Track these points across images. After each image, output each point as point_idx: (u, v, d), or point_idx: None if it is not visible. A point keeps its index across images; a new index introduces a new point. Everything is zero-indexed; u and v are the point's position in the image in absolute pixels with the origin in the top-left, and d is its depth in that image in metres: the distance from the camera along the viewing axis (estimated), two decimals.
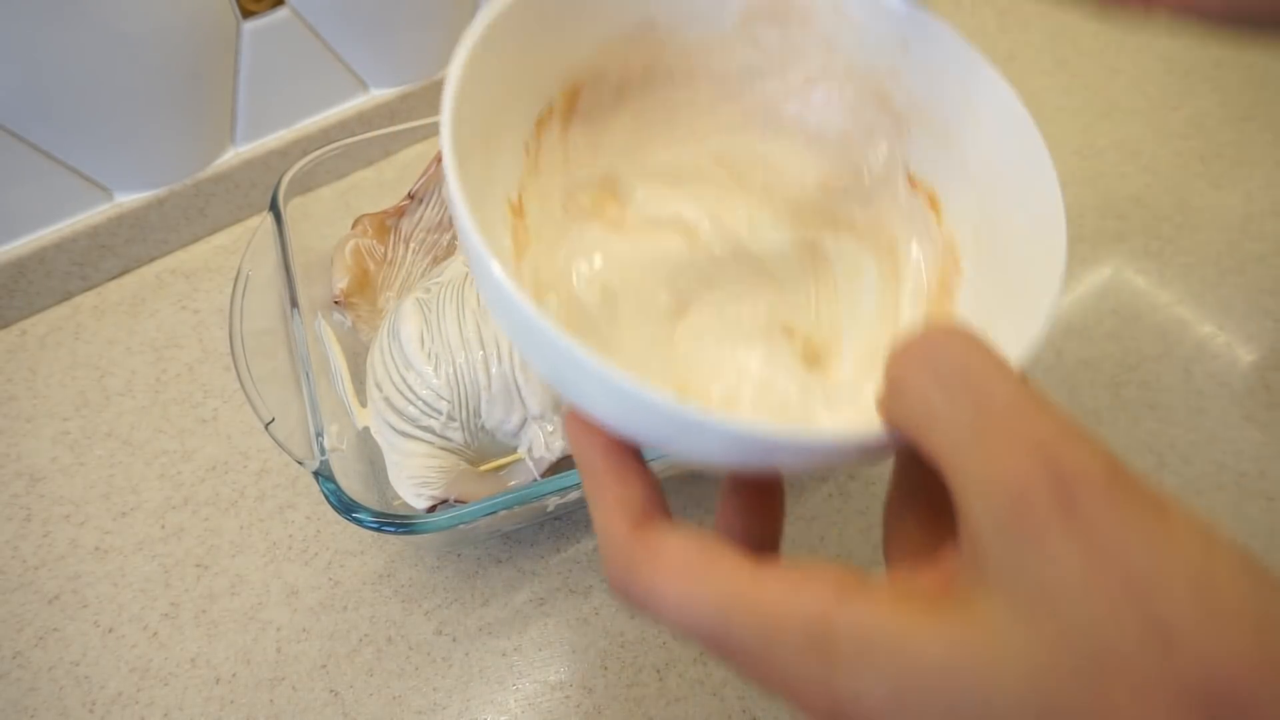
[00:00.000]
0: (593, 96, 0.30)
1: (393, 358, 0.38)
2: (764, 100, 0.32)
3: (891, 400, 0.18)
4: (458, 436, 0.37)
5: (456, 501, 0.35)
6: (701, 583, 0.18)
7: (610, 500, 0.20)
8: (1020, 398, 0.16)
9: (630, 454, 0.21)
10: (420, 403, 0.37)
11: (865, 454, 0.19)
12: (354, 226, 0.47)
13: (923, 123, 0.29)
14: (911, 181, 0.29)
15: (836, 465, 0.19)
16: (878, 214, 0.31)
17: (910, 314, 0.29)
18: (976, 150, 0.27)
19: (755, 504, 0.22)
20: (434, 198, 0.49)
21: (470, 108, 0.23)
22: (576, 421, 0.22)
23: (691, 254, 0.31)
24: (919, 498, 0.21)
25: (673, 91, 0.32)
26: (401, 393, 0.37)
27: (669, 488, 0.43)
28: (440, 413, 0.37)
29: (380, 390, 0.38)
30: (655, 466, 0.36)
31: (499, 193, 0.24)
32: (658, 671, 0.37)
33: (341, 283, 0.45)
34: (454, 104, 0.22)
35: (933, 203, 0.29)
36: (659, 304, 0.29)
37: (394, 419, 0.38)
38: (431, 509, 0.35)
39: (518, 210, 0.27)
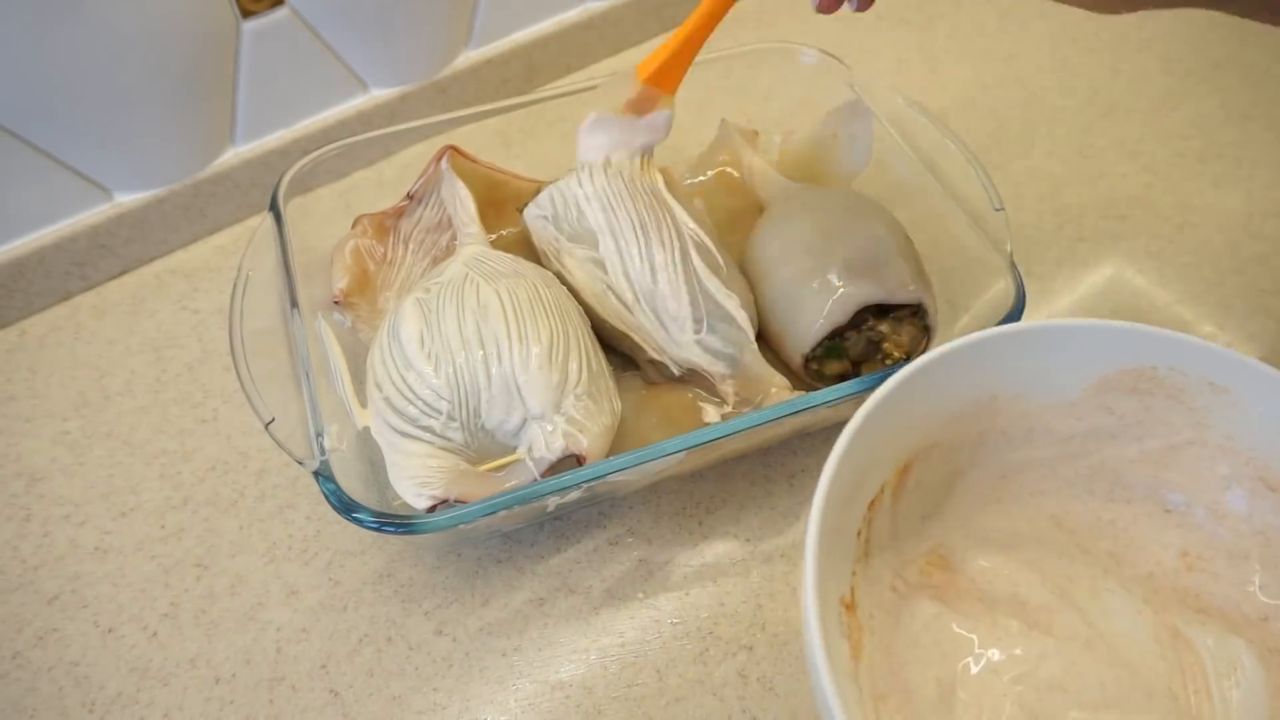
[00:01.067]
0: (925, 466, 0.29)
1: (393, 358, 0.38)
2: (1113, 464, 0.30)
3: None
4: (458, 436, 0.37)
5: (457, 501, 0.35)
6: None
7: None
8: None
9: None
10: (420, 403, 0.37)
11: None
12: (354, 226, 0.47)
13: None
14: None
15: None
16: (1256, 603, 0.28)
17: None
18: None
19: None
20: (433, 198, 0.49)
21: (831, 511, 0.23)
22: None
23: (1038, 645, 0.28)
24: None
25: (1008, 453, 0.30)
26: (401, 393, 0.37)
27: (669, 487, 0.43)
28: (440, 413, 0.37)
29: (380, 390, 0.38)
30: (651, 467, 0.36)
31: (834, 591, 0.23)
32: (658, 671, 0.37)
33: (341, 283, 0.45)
34: (821, 515, 0.22)
35: None
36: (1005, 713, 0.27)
37: (394, 419, 0.38)
38: (431, 509, 0.35)
39: (850, 605, 0.26)
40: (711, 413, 0.42)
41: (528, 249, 0.48)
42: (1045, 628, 0.28)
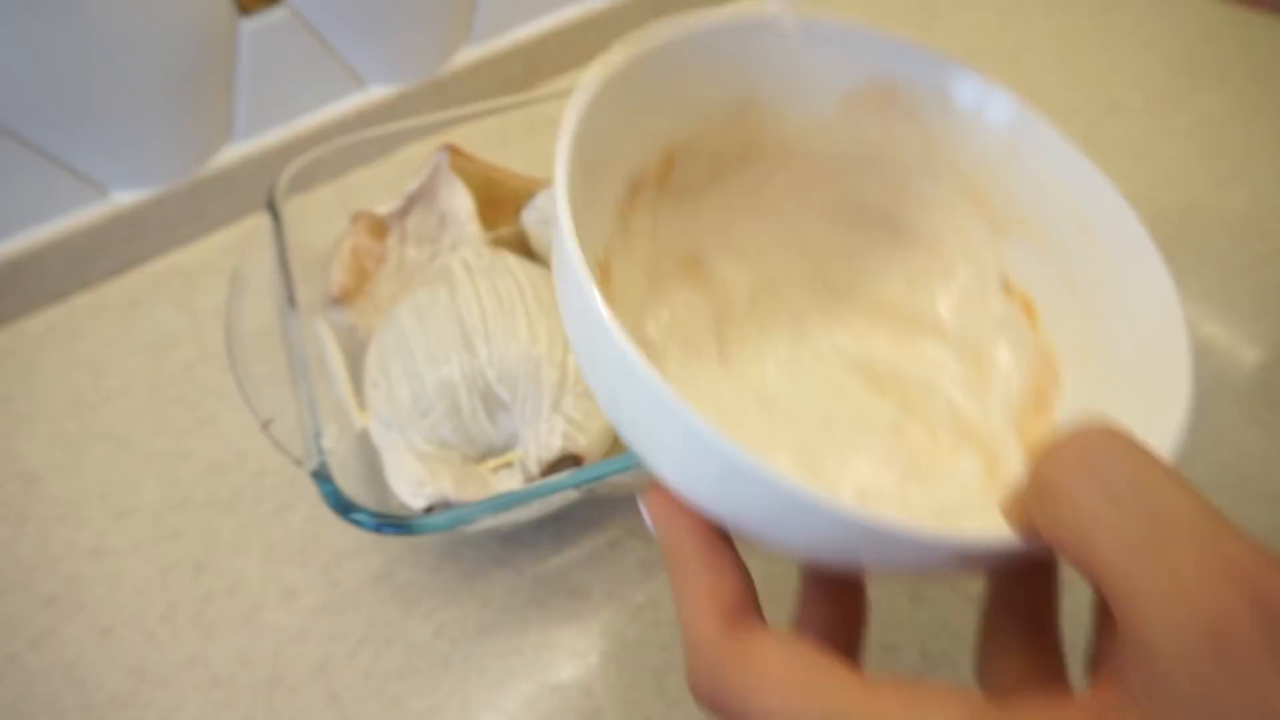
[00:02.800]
0: (687, 167, 0.29)
1: (390, 357, 0.38)
2: (858, 191, 0.31)
3: (1042, 505, 0.16)
4: (455, 436, 0.37)
5: (454, 501, 0.35)
6: (809, 699, 0.16)
7: (698, 592, 0.18)
8: (1202, 511, 0.14)
9: (722, 539, 0.19)
10: (417, 402, 0.37)
11: (994, 560, 0.18)
12: (353, 222, 0.47)
13: (1024, 230, 0.28)
14: (1007, 288, 0.29)
15: (959, 571, 0.18)
16: (965, 319, 0.30)
17: (999, 423, 0.27)
18: (1083, 261, 0.26)
19: (841, 602, 0.21)
20: (432, 197, 0.48)
21: (581, 150, 0.22)
22: (660, 497, 0.19)
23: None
24: (1023, 618, 0.20)
25: (767, 171, 0.31)
26: (398, 392, 0.37)
27: None
28: (437, 412, 0.37)
29: (377, 389, 0.38)
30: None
31: (588, 243, 0.24)
32: (657, 674, 0.37)
33: (340, 282, 0.44)
34: (572, 140, 0.21)
35: (1028, 310, 0.28)
36: (705, 351, 0.28)
37: (391, 418, 0.37)
38: (428, 509, 0.35)
39: (605, 269, 0.26)
40: None
41: (527, 248, 0.48)
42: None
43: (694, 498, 0.19)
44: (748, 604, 0.18)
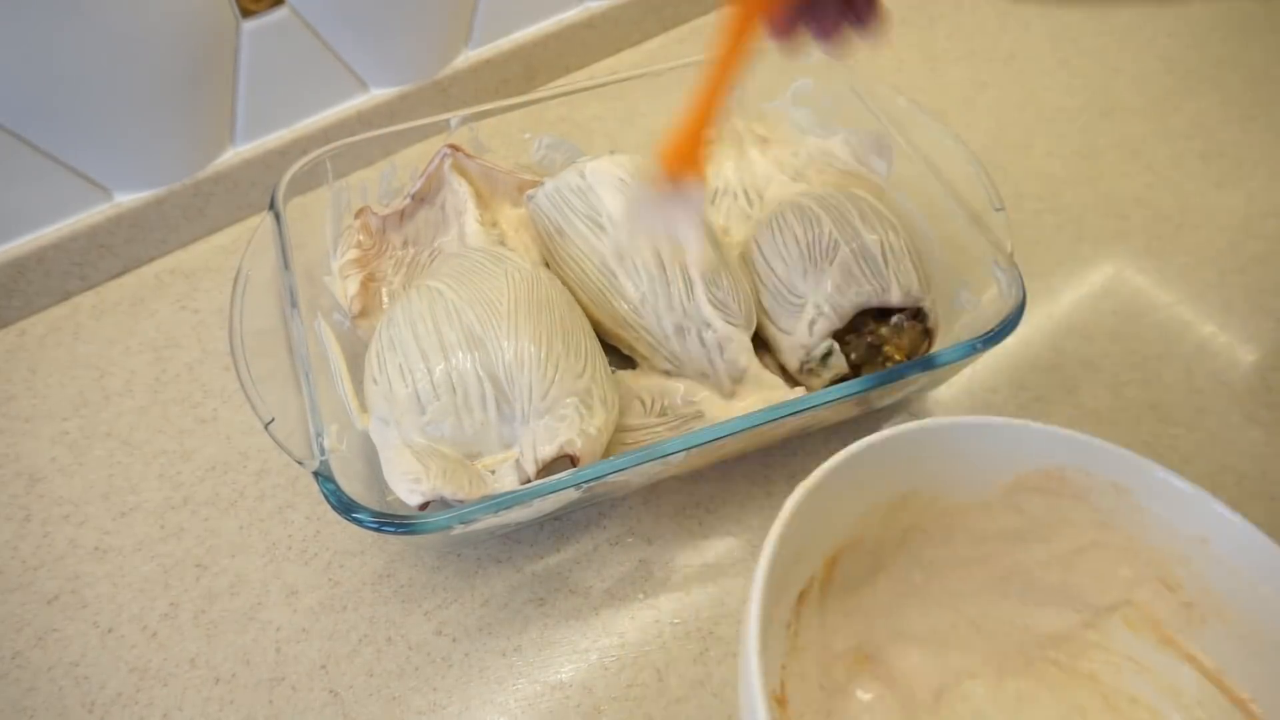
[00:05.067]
0: (851, 561, 0.30)
1: (389, 355, 0.38)
2: (1025, 566, 0.31)
3: None
4: (452, 434, 0.37)
5: (452, 498, 0.35)
6: None
7: None
8: None
9: None
10: (415, 400, 0.37)
11: None
12: (356, 217, 0.47)
13: (1218, 614, 0.28)
14: (1205, 671, 0.29)
15: None
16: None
17: None
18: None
19: None
20: (433, 199, 0.49)
21: (769, 596, 0.23)
22: None
23: None
24: None
25: (929, 550, 0.31)
26: (397, 390, 0.37)
27: (669, 486, 0.43)
28: (434, 410, 0.37)
29: (376, 386, 0.38)
30: (650, 467, 0.36)
31: (766, 685, 0.24)
32: (658, 671, 0.37)
33: (354, 308, 0.44)
34: (763, 585, 0.22)
35: (1218, 683, 0.29)
36: None
37: (389, 416, 0.38)
38: (423, 506, 0.35)
39: (781, 701, 0.27)
40: (704, 417, 0.42)
41: (528, 246, 0.48)
42: None
43: None
44: None
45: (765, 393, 0.42)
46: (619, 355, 0.45)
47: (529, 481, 0.36)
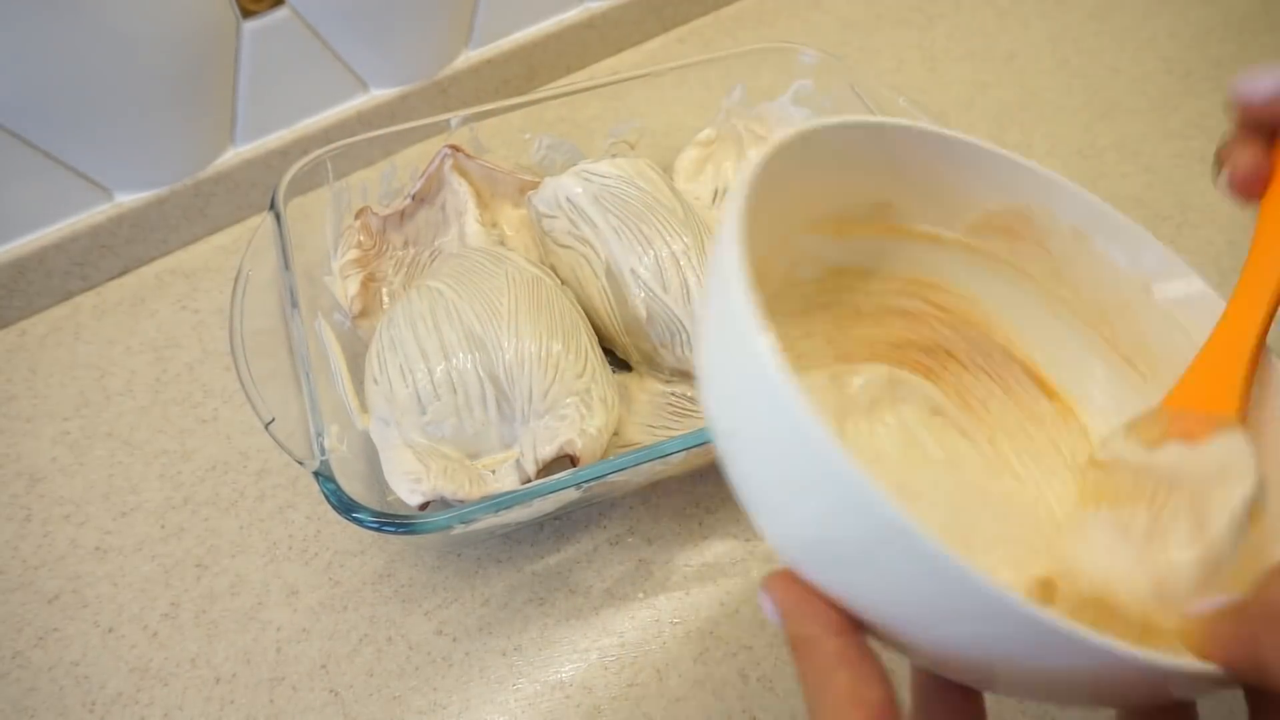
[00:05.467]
0: (810, 267, 0.30)
1: (389, 355, 0.38)
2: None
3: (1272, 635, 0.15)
4: (452, 434, 0.37)
5: (452, 498, 0.35)
6: None
7: (841, 697, 0.16)
8: None
9: (864, 639, 0.17)
10: (415, 400, 0.37)
11: (1181, 686, 0.17)
12: (356, 217, 0.47)
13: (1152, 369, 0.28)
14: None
15: (1125, 693, 0.17)
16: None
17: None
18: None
19: (963, 710, 0.19)
20: (434, 199, 0.49)
21: (751, 211, 0.22)
22: (787, 582, 0.17)
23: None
24: None
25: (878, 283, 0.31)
26: (397, 390, 0.37)
27: (669, 487, 0.43)
28: (435, 410, 0.37)
29: (377, 385, 0.38)
30: (649, 467, 0.36)
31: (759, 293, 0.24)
32: (658, 671, 0.37)
33: (354, 308, 0.45)
34: (745, 200, 0.21)
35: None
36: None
37: (389, 416, 0.38)
38: (424, 506, 0.35)
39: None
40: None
41: (528, 246, 0.48)
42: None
43: (838, 583, 0.17)
44: (893, 711, 0.16)
45: None
46: (616, 360, 0.45)
47: (529, 481, 0.36)
